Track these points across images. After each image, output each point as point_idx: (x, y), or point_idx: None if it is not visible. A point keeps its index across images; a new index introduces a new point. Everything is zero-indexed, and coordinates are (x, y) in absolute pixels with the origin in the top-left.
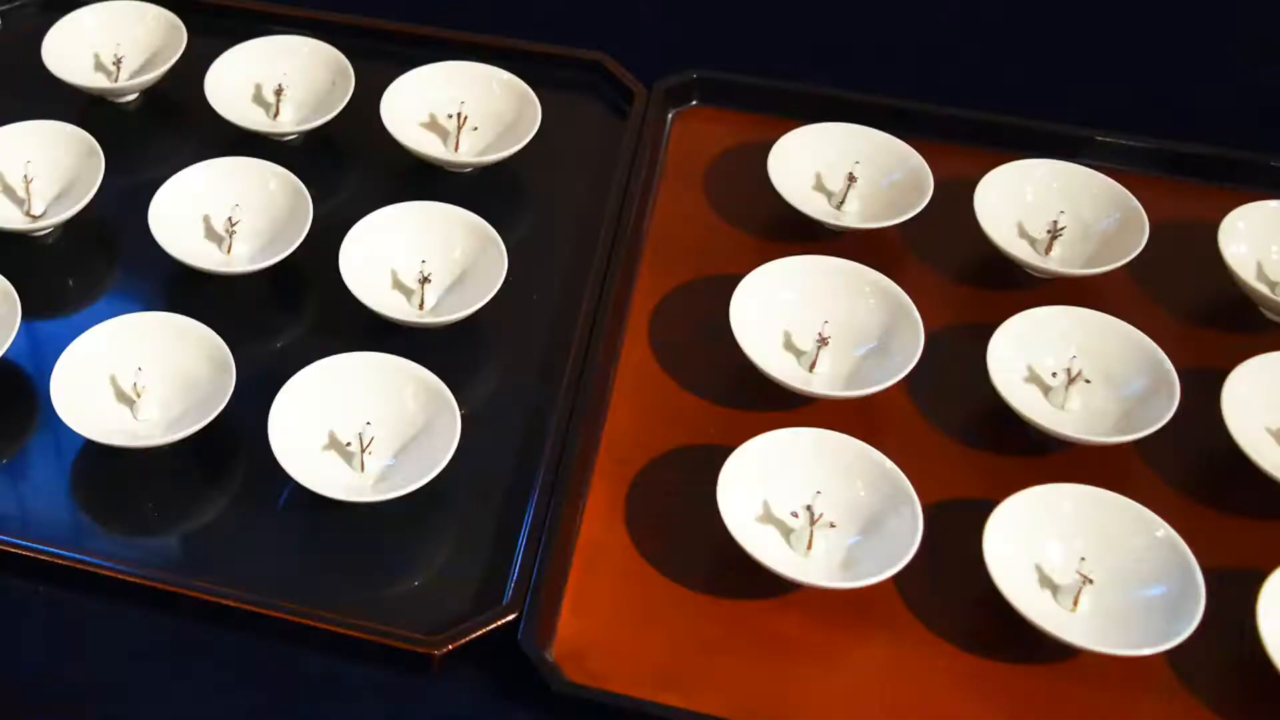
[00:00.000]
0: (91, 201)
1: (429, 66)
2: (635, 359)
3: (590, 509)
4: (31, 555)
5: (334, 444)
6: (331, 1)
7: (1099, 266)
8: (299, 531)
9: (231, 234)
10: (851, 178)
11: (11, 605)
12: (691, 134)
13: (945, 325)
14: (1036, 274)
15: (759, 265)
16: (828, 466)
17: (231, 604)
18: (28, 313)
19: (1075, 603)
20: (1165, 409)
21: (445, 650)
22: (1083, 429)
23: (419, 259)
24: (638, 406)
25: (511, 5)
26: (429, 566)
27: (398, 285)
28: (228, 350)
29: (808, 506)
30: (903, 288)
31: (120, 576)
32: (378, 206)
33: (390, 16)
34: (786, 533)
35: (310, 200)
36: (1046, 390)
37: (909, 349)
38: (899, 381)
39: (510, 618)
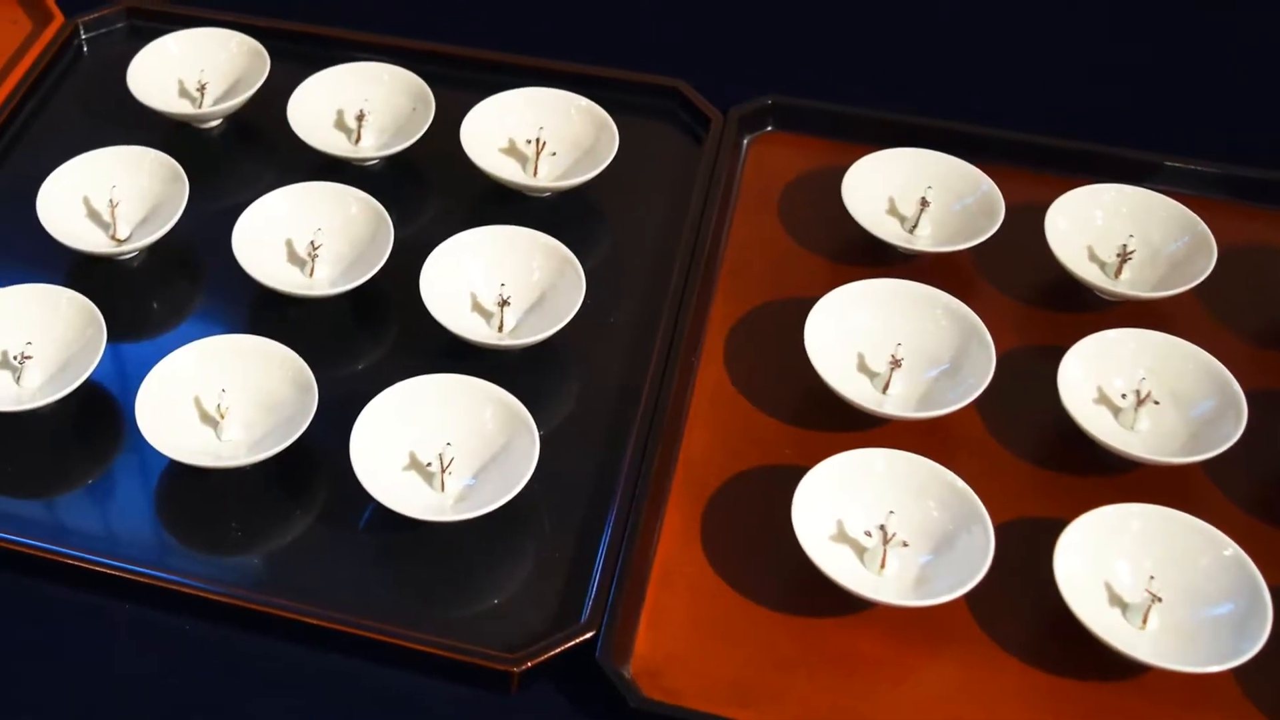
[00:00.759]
0: (176, 226)
1: (508, 93)
2: (711, 381)
3: (667, 528)
4: (118, 574)
5: (414, 464)
6: (413, 29)
7: (1168, 290)
8: (380, 551)
9: (314, 257)
10: (924, 202)
11: (99, 623)
12: (766, 159)
13: (1016, 347)
14: (1106, 297)
15: (833, 288)
16: (900, 486)
17: (313, 622)
18: (113, 335)
19: (1144, 621)
20: (1233, 430)
21: (524, 668)
22: (1151, 449)
23: (498, 282)
24: (714, 427)
25: (590, 33)
26: (508, 585)
27: (477, 308)
28: (310, 372)
29: (881, 526)
30: (974, 310)
31: (204, 595)
32: (458, 230)
33: (470, 43)
34: (860, 552)
35: (391, 224)
36: (1116, 411)
37: (980, 371)
38: (970, 402)
39: (588, 635)
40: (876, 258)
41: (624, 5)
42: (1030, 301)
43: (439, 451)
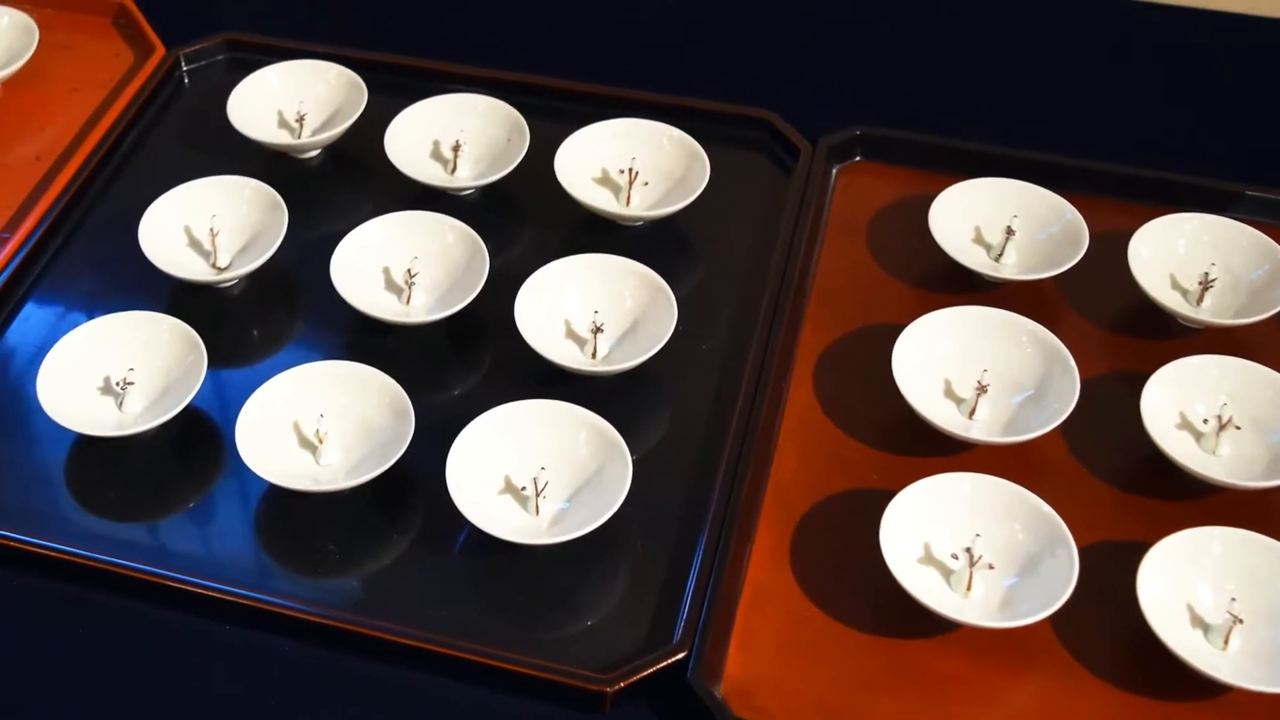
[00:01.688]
0: (275, 254)
1: (602, 123)
2: (800, 406)
3: (757, 551)
4: (218, 596)
5: (510, 488)
6: (507, 61)
7: (1248, 317)
8: (476, 573)
9: (410, 285)
10: (1010, 231)
11: (199, 644)
12: (855, 188)
13: (1100, 373)
14: (1188, 324)
15: (920, 315)
16: (986, 510)
17: (409, 643)
18: (214, 361)
19: (1226, 642)
20: None
21: (617, 688)
22: (1232, 474)
23: (592, 309)
24: (803, 452)
25: (681, 64)
26: (601, 606)
27: (571, 335)
28: (407, 398)
29: (967, 549)
30: (1059, 337)
31: (302, 616)
32: (552, 258)
33: (564, 75)
34: (947, 574)
35: (487, 252)
36: (1198, 436)
37: (1065, 396)
38: (1055, 428)
39: (680, 656)
40: (963, 285)
41: (716, 38)
42: (1114, 328)
43: (534, 475)
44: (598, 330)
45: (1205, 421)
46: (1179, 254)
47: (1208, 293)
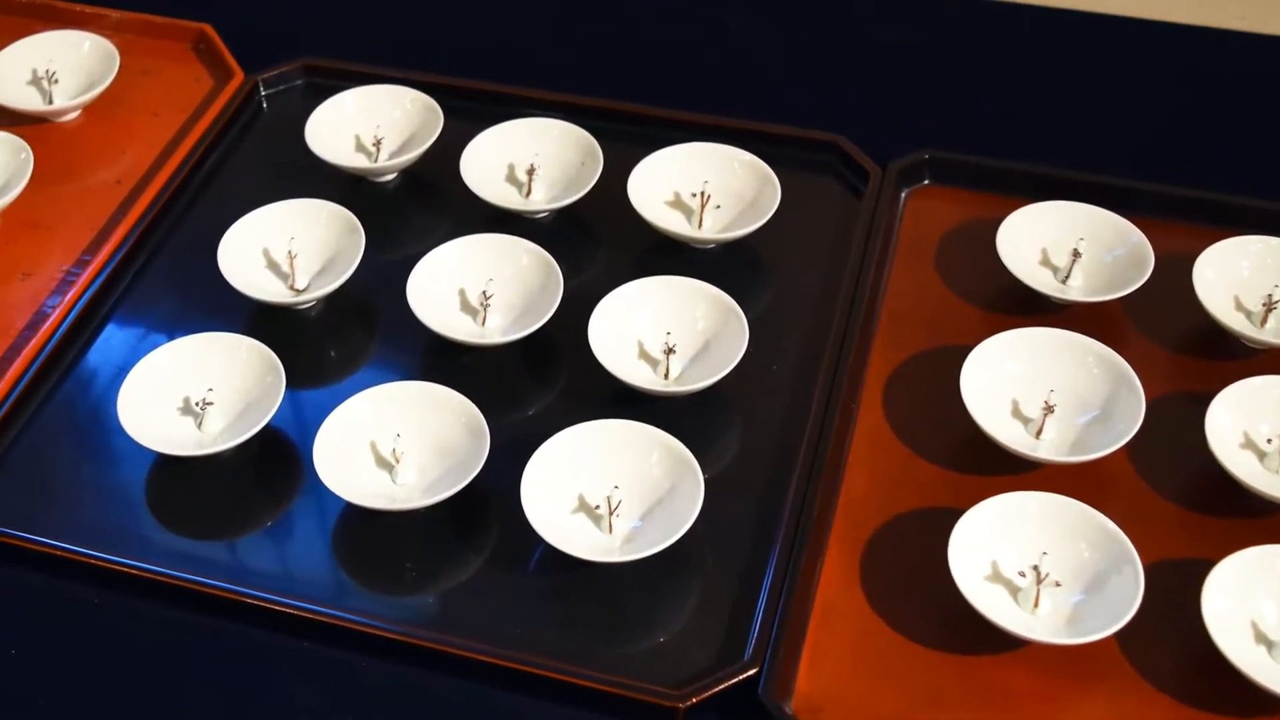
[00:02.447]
0: (352, 276)
1: (674, 147)
2: (870, 426)
3: (827, 568)
4: (296, 613)
5: (583, 507)
6: (581, 85)
7: None
8: (549, 590)
9: (485, 307)
10: (1076, 253)
11: (278, 660)
12: (923, 211)
13: (1165, 394)
14: (1252, 345)
15: (988, 337)
16: (1053, 528)
17: (485, 659)
18: (292, 382)
19: None
20: None
21: (689, 704)
22: None
23: (664, 331)
24: (872, 471)
25: (751, 89)
26: (673, 623)
27: (644, 356)
28: (482, 417)
29: (1034, 566)
30: (1124, 358)
31: (379, 633)
32: (624, 280)
33: (636, 100)
34: (1014, 591)
35: (561, 275)
36: (1261, 456)
37: (1130, 416)
38: (1121, 447)
39: (751, 672)
40: (1030, 307)
41: (785, 63)
42: (1179, 349)
43: (607, 494)
44: (670, 351)
45: (1269, 441)
46: (1243, 276)
47: (1271, 314)
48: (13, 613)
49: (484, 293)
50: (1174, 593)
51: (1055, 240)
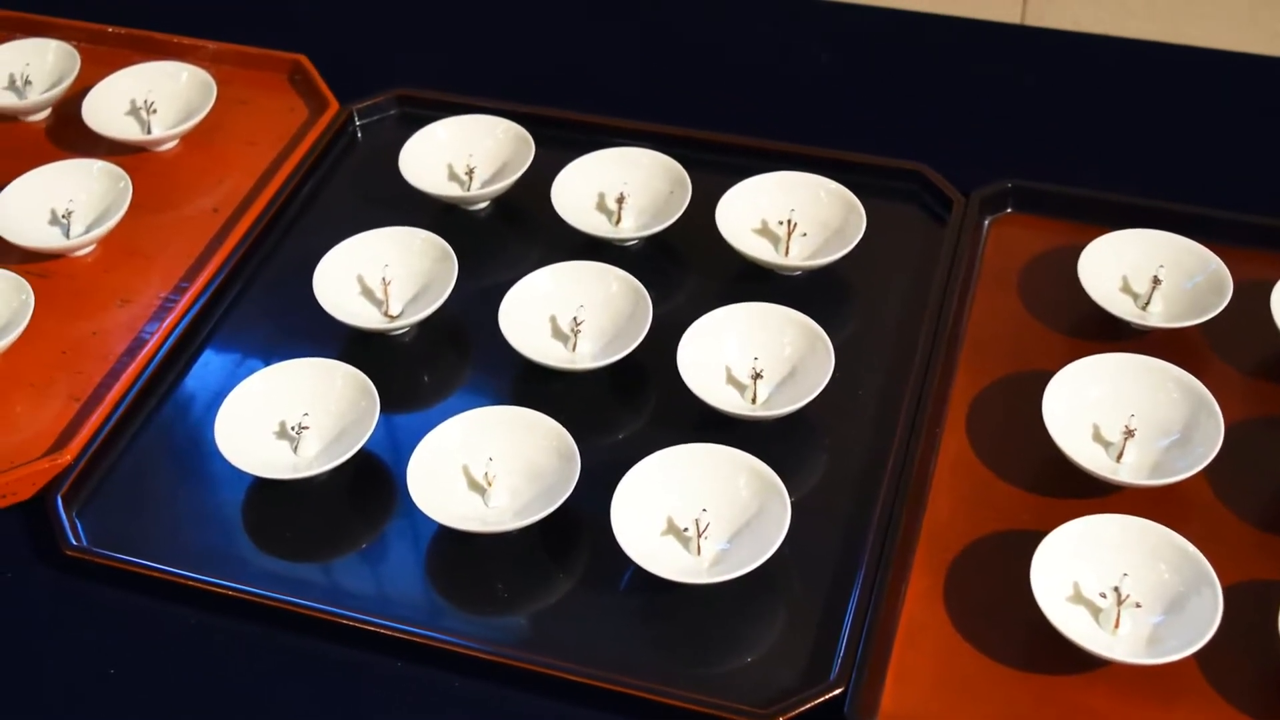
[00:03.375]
0: (445, 303)
1: (761, 176)
2: (954, 449)
3: (911, 589)
4: (390, 634)
5: (672, 529)
6: (670, 115)
7: None
8: (639, 611)
9: (576, 333)
10: (1156, 280)
11: (372, 680)
12: (1006, 239)
13: (1243, 418)
14: None
15: (1069, 362)
16: (1133, 550)
17: (576, 679)
18: (386, 406)
19: None
20: None
21: None
22: None
23: (751, 356)
24: (956, 494)
25: (838, 119)
26: (760, 643)
27: (731, 380)
28: (573, 442)
29: (1115, 588)
30: (1203, 383)
31: (472, 654)
32: (713, 307)
33: (724, 129)
34: (1095, 612)
35: (650, 301)
36: None
37: (1209, 440)
38: (1200, 470)
39: (836, 692)
40: (1111, 333)
41: (870, 93)
42: (1256, 374)
43: (695, 517)
44: (757, 376)
45: None
46: None
47: None
48: (113, 633)
49: (575, 319)
50: (1252, 613)
51: (1136, 267)
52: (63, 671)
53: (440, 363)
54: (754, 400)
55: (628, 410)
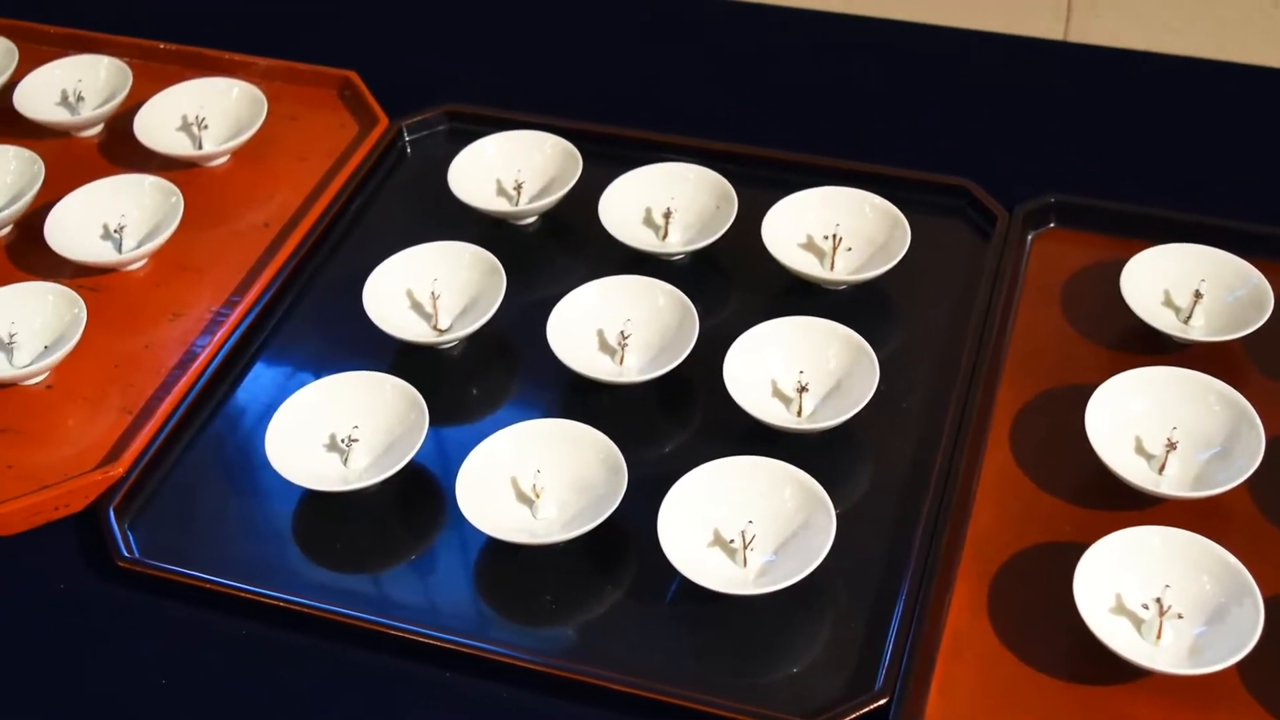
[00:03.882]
0: (494, 316)
1: (806, 191)
2: (997, 462)
3: (956, 600)
4: (440, 644)
5: (718, 541)
6: (716, 131)
7: None
8: (685, 622)
9: (623, 346)
10: (1197, 294)
11: (421, 691)
12: (1049, 253)
13: None
14: None
15: (1112, 375)
16: (1175, 562)
17: (622, 689)
18: (435, 419)
19: None
20: None
21: None
22: None
23: (797, 369)
24: (999, 505)
25: (882, 134)
26: (806, 654)
27: (777, 394)
28: (620, 454)
29: (1157, 599)
30: (1245, 396)
31: (521, 664)
32: (759, 321)
33: (769, 145)
34: (1138, 623)
35: (696, 315)
36: None
37: (1251, 453)
38: (1241, 483)
39: (882, 702)
40: (1153, 346)
41: (914, 109)
42: None
43: (741, 529)
44: (803, 389)
45: None
46: None
47: None
48: (164, 644)
49: (622, 333)
50: None
51: (1177, 282)
52: (115, 682)
53: (488, 376)
54: (799, 413)
55: (674, 423)
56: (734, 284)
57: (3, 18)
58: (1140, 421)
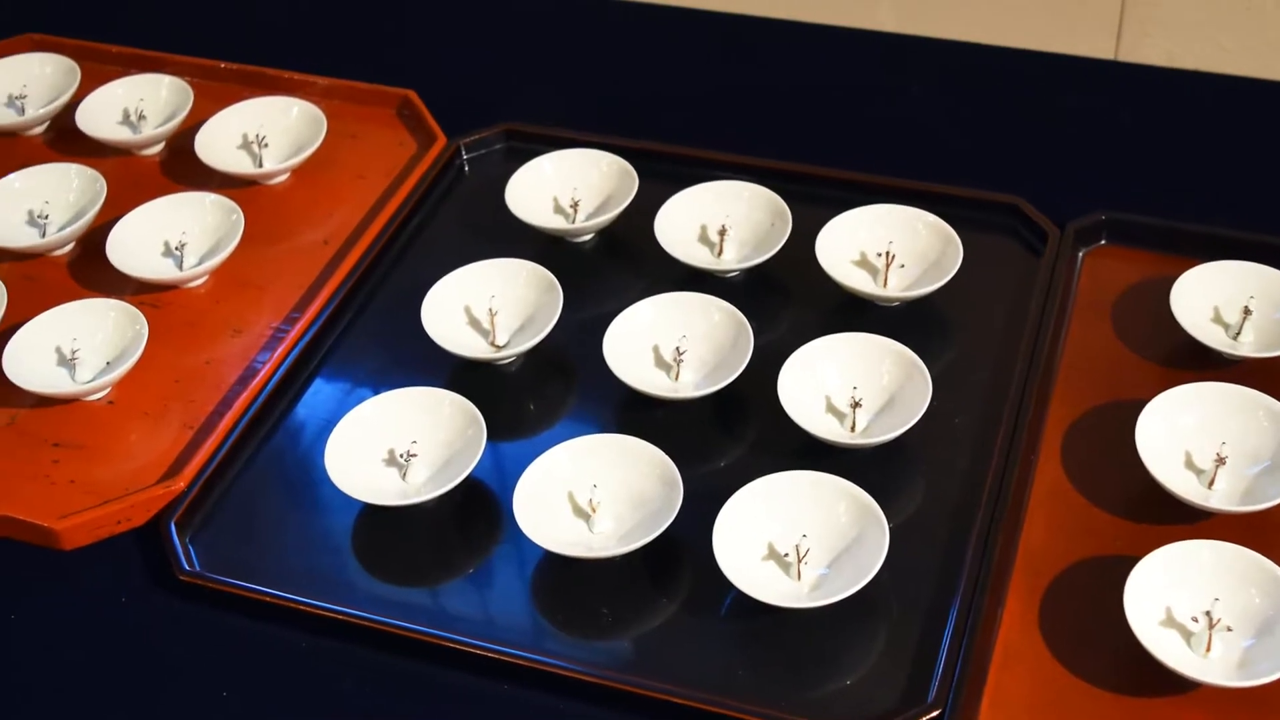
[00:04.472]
0: (551, 333)
1: (860, 209)
2: (1049, 476)
3: (1007, 614)
4: (497, 657)
5: (773, 554)
6: (770, 150)
7: None
8: (740, 635)
9: (679, 362)
10: (1247, 311)
11: (478, 703)
12: (1100, 270)
13: None
14: None
15: (1162, 391)
16: (1224, 575)
17: (679, 701)
18: (492, 435)
19: None
20: None
21: None
22: None
23: (851, 385)
24: (1051, 519)
25: (934, 152)
26: (859, 666)
27: (831, 409)
28: (676, 469)
29: (1206, 612)
30: None
31: (578, 676)
32: (812, 337)
33: (823, 163)
34: (1187, 636)
35: (751, 331)
36: None
37: None
38: None
39: (934, 714)
40: (1202, 362)
41: (966, 127)
42: None
43: (795, 542)
44: (856, 405)
45: None
46: None
47: None
48: (225, 656)
49: (677, 349)
50: None
51: (1227, 298)
52: (178, 693)
53: (545, 391)
54: (853, 428)
55: (729, 438)
56: (788, 300)
57: (66, 38)
58: (1190, 436)
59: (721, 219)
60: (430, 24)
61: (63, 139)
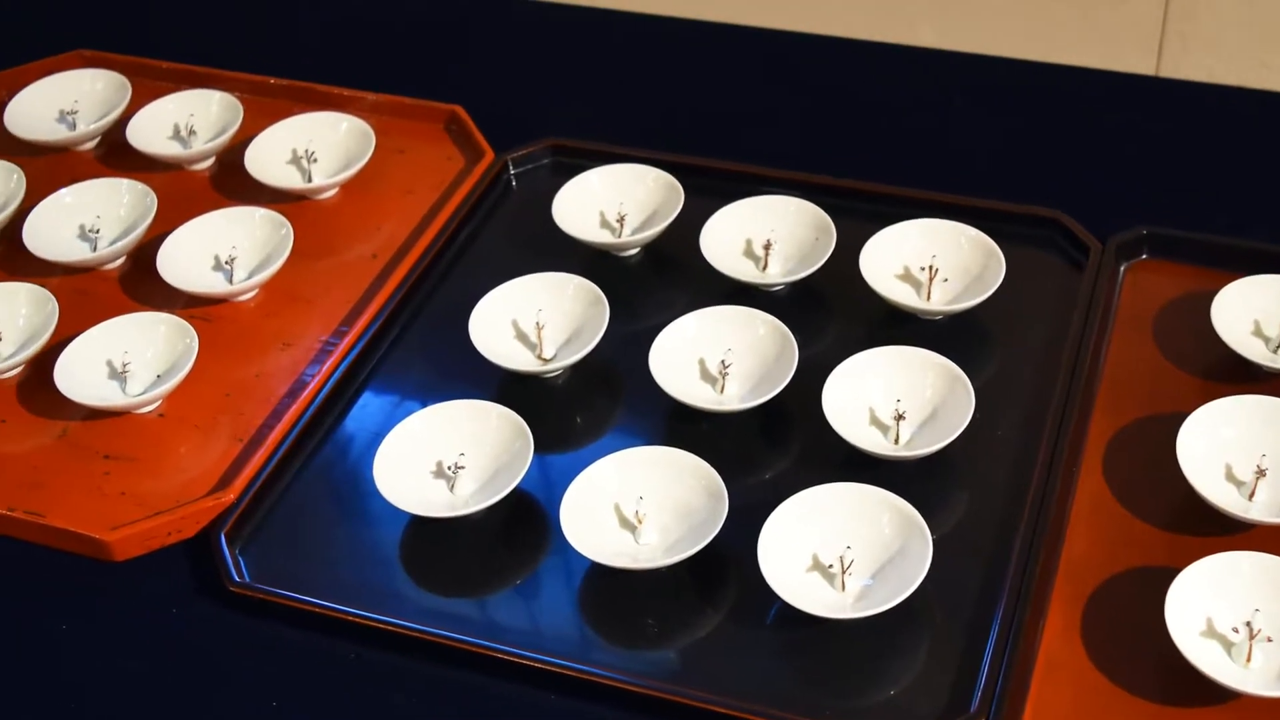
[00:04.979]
0: (597, 346)
1: (904, 224)
2: (1091, 488)
3: (1049, 625)
4: (545, 668)
5: (817, 566)
6: (814, 165)
7: None
8: (785, 645)
9: (724, 375)
10: None
11: (526, 713)
12: (1141, 284)
13: None
14: None
15: (1203, 404)
16: (1265, 586)
17: (724, 711)
18: (539, 447)
19: None
20: None
21: None
22: None
23: (894, 398)
24: (1092, 531)
25: (977, 168)
26: (903, 677)
27: (875, 422)
28: (721, 481)
29: (1247, 623)
30: None
31: (624, 686)
32: (856, 350)
33: (867, 178)
34: (1228, 646)
35: (796, 344)
36: None
37: None
38: None
39: None
40: (1243, 376)
41: (1009, 142)
42: None
43: (840, 554)
44: (900, 417)
45: None
46: None
47: None
48: (275, 666)
49: (723, 362)
50: None
51: (1268, 312)
52: (228, 703)
53: (592, 404)
54: (897, 441)
55: (774, 450)
56: (832, 314)
57: (117, 54)
58: (1230, 449)
59: (766, 233)
60: (477, 41)
61: (114, 154)
